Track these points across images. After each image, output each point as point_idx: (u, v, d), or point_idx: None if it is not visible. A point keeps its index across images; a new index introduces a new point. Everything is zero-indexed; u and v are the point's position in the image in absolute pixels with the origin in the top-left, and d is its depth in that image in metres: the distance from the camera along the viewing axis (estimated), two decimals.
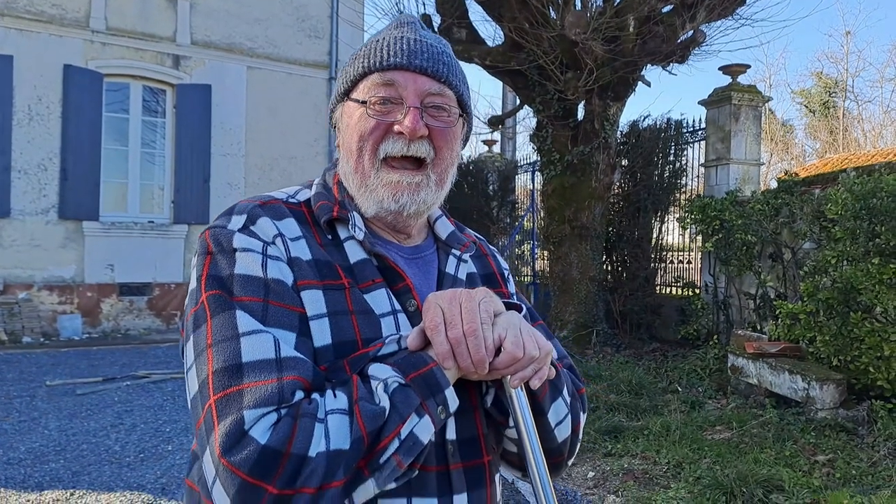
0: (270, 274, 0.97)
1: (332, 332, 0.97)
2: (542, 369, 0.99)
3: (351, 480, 0.86)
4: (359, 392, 0.89)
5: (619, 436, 5.60)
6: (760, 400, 5.97)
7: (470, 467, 1.02)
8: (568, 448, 1.16)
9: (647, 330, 9.05)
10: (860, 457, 4.73)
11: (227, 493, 0.84)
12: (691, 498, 4.32)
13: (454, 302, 0.94)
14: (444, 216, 1.21)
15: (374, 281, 1.04)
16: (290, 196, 1.11)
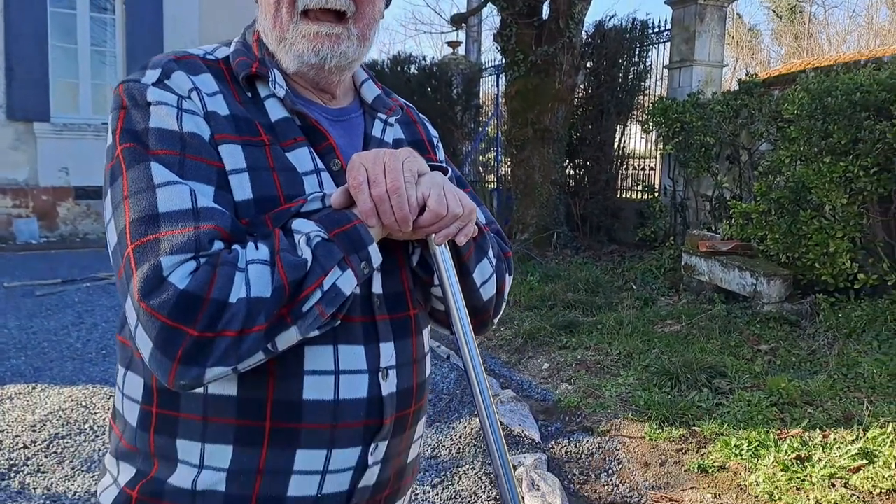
0: (186, 127, 0.95)
1: (253, 187, 0.96)
2: (466, 227, 1.00)
3: (273, 326, 0.87)
4: (280, 244, 0.90)
5: (575, 330, 5.79)
6: (710, 296, 6.18)
7: (396, 319, 1.05)
8: (493, 307, 1.18)
9: (607, 232, 9.20)
10: (801, 346, 4.96)
11: (149, 336, 0.85)
12: (639, 384, 4.53)
13: (378, 161, 0.94)
14: (371, 80, 1.20)
15: (295, 139, 1.02)
16: (208, 53, 1.08)
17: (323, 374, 0.96)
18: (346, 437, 0.98)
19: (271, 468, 0.95)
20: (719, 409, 4.07)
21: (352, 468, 0.99)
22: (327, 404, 0.96)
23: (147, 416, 0.99)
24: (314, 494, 0.97)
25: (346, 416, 0.97)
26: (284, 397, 0.95)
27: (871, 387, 4.10)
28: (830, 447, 3.45)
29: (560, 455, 3.77)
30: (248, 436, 0.95)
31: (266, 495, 0.95)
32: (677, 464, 3.52)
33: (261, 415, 0.95)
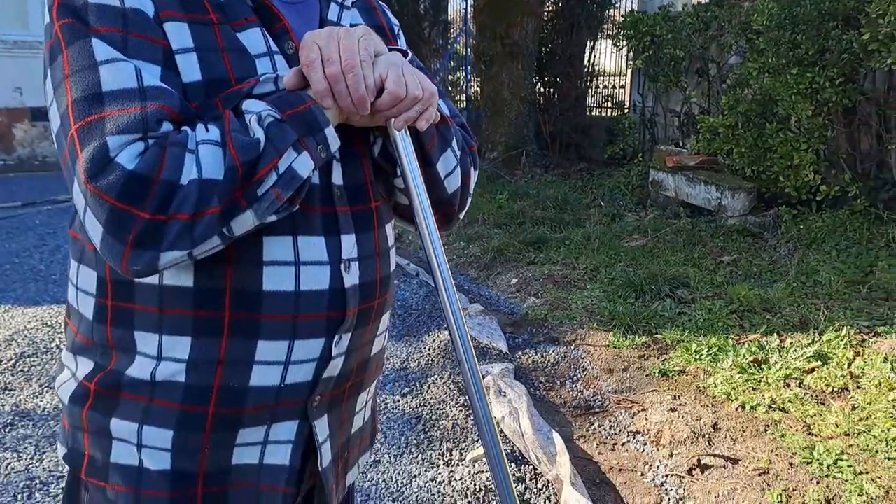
0: (128, 3, 0.89)
1: (202, 69, 0.91)
2: (427, 111, 0.96)
3: (228, 209, 0.84)
4: (231, 125, 0.86)
5: (543, 246, 5.83)
6: (676, 210, 6.25)
7: (357, 211, 1.03)
8: (458, 201, 1.16)
9: (576, 150, 9.17)
10: (762, 256, 5.07)
11: (99, 220, 0.82)
12: (604, 296, 4.60)
13: (332, 38, 0.90)
14: None
15: (247, 19, 0.97)
16: None
17: (282, 264, 0.94)
18: (308, 328, 0.97)
19: (232, 359, 0.94)
20: (681, 317, 4.17)
21: (315, 359, 0.99)
22: (288, 295, 0.95)
23: (102, 309, 0.97)
24: (277, 385, 0.97)
25: (307, 308, 0.96)
26: (243, 287, 0.93)
27: (829, 294, 4.21)
28: (787, 350, 3.56)
29: (527, 364, 3.86)
30: (207, 326, 0.94)
31: (227, 385, 0.95)
32: (639, 369, 3.62)
33: (219, 305, 0.93)
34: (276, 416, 0.99)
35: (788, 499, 2.42)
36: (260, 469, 1.00)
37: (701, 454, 2.76)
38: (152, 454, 0.96)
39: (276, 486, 1.01)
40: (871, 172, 5.24)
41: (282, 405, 0.98)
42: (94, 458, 0.99)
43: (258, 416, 0.97)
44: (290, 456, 1.01)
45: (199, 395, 0.95)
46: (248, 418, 0.97)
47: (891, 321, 3.73)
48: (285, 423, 1.00)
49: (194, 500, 0.97)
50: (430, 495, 2.62)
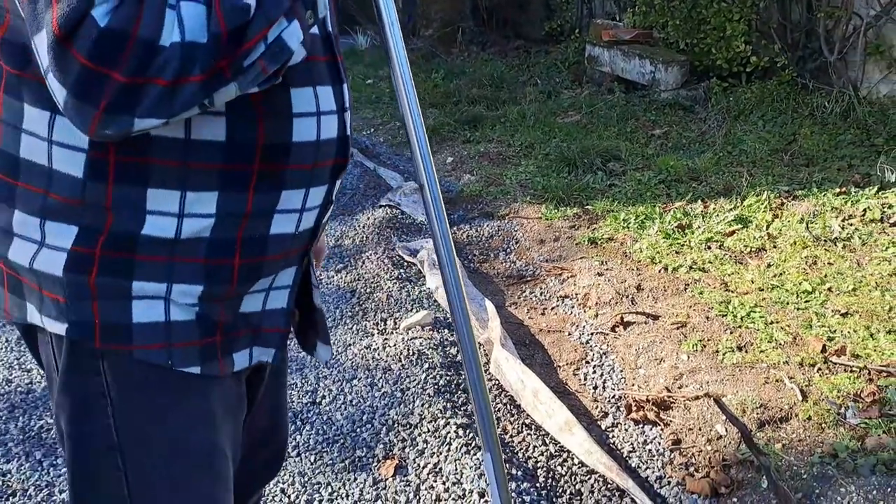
0: None
1: None
2: None
3: (210, 79, 0.78)
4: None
5: (478, 125, 5.79)
6: (611, 86, 6.23)
7: (342, 61, 1.04)
8: None
9: (514, 27, 8.94)
10: (692, 129, 5.14)
11: (66, 81, 0.74)
12: (538, 171, 4.64)
13: None
14: None
15: None
16: None
17: (308, 115, 0.95)
18: (320, 175, 1.00)
19: (258, 210, 0.94)
20: (612, 189, 4.24)
21: (320, 205, 1.02)
22: (311, 145, 0.96)
23: (101, 165, 0.88)
24: (292, 232, 0.99)
25: (324, 156, 0.99)
26: (276, 140, 0.93)
27: (752, 161, 4.33)
28: (710, 216, 3.68)
29: (462, 239, 3.90)
30: (236, 180, 0.92)
31: (250, 236, 0.95)
32: (570, 238, 3.71)
33: (250, 159, 0.92)
34: (287, 263, 1.03)
35: (703, 348, 2.57)
36: (262, 314, 1.03)
37: (624, 312, 2.88)
38: (180, 309, 0.94)
39: (276, 328, 1.05)
40: (799, 42, 5.28)
41: (292, 252, 1.02)
42: (110, 324, 0.92)
43: (274, 265, 1.00)
44: (287, 299, 1.05)
45: (225, 249, 0.94)
46: (267, 266, 0.99)
47: (809, 185, 3.87)
48: (290, 269, 1.04)
49: (215, 349, 0.98)
50: (365, 361, 2.69)
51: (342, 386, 2.54)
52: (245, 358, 1.02)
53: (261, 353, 1.04)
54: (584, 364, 2.66)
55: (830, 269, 3.07)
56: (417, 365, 2.60)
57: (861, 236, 3.30)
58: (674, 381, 2.42)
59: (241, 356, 1.02)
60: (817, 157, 4.26)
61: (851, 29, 4.94)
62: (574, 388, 2.52)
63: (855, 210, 3.53)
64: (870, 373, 2.32)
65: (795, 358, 2.43)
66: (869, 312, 2.68)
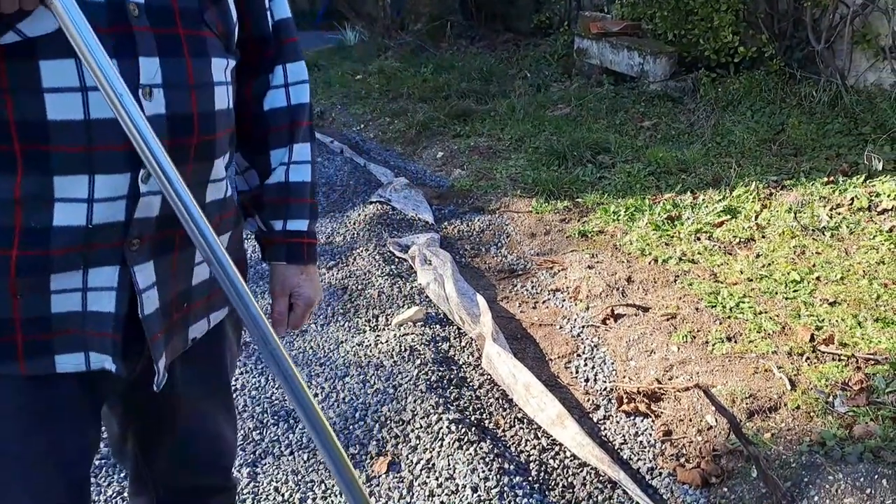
0: None
1: None
2: None
3: None
4: None
5: (468, 119, 5.79)
6: (600, 79, 6.24)
7: (162, 34, 0.95)
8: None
9: (503, 20, 8.93)
10: (681, 120, 5.15)
11: None
12: (529, 164, 4.65)
13: None
14: None
15: None
16: None
17: (67, 91, 0.87)
18: (106, 161, 0.91)
19: (29, 196, 0.89)
20: (602, 181, 4.25)
21: (123, 196, 0.93)
22: (78, 124, 0.88)
23: None
24: (83, 224, 0.92)
25: (102, 139, 0.89)
26: (26, 117, 0.87)
27: (741, 152, 4.35)
28: (699, 207, 3.70)
29: (453, 234, 3.91)
30: (1, 162, 0.89)
31: (29, 226, 0.90)
32: (560, 232, 3.72)
33: (7, 138, 0.88)
34: (91, 261, 0.94)
35: (693, 339, 2.58)
36: (84, 316, 0.96)
37: (614, 305, 2.90)
38: None
39: (104, 332, 0.97)
40: (787, 32, 5.29)
41: (94, 247, 0.94)
42: None
43: (69, 260, 0.93)
44: (115, 303, 0.97)
45: (2, 238, 0.90)
46: (57, 261, 0.92)
47: (797, 175, 3.89)
48: (103, 268, 0.95)
49: (14, 347, 0.94)
50: (357, 358, 2.70)
51: (334, 383, 2.55)
52: (78, 361, 0.97)
53: (101, 360, 0.98)
54: (576, 357, 2.67)
55: (818, 258, 3.09)
56: (409, 361, 2.61)
57: (849, 225, 3.32)
58: (664, 373, 2.44)
59: (70, 359, 0.97)
60: (805, 146, 4.28)
61: (838, 18, 4.95)
62: (566, 381, 2.54)
63: (843, 199, 3.55)
64: (857, 361, 2.34)
65: (784, 347, 2.45)
66: (857, 301, 2.70)
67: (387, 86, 6.94)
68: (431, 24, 8.32)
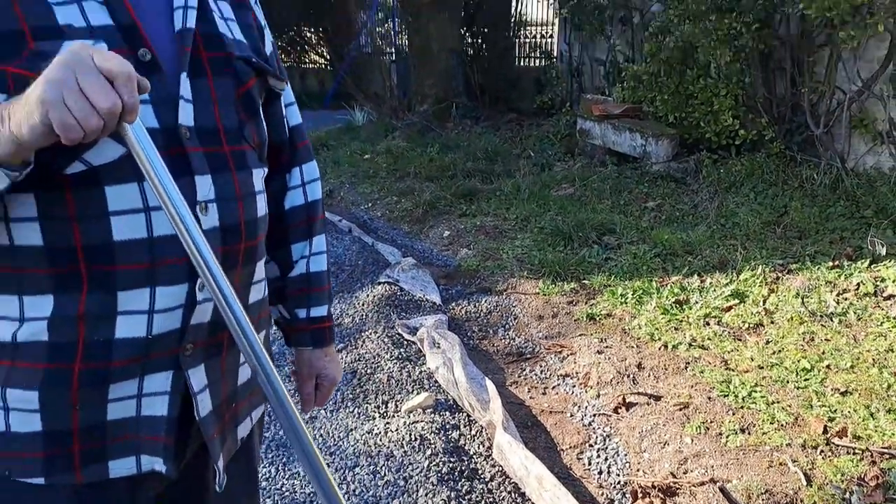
0: None
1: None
2: (132, 105, 0.80)
3: None
4: None
5: (474, 198, 5.88)
6: (603, 158, 6.36)
7: (211, 153, 1.00)
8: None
9: (506, 101, 9.18)
10: (685, 201, 5.23)
11: None
12: (534, 245, 4.69)
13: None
14: None
15: None
16: None
17: (131, 212, 0.92)
18: (168, 274, 0.95)
19: (93, 313, 0.93)
20: (608, 263, 4.29)
21: (181, 306, 0.97)
22: (141, 243, 0.93)
23: None
24: (144, 336, 0.95)
25: (164, 253, 0.94)
26: (93, 241, 0.91)
27: (746, 234, 4.40)
28: (707, 291, 3.72)
29: (460, 315, 3.93)
30: (66, 283, 0.92)
31: (93, 340, 0.93)
32: (568, 314, 3.73)
33: (74, 260, 0.92)
34: (148, 368, 0.97)
35: (707, 430, 2.56)
36: (138, 421, 0.99)
37: (626, 393, 2.88)
38: (20, 416, 0.94)
39: (156, 436, 1.00)
40: (785, 116, 5.43)
41: (152, 356, 0.97)
42: None
43: (128, 370, 0.96)
44: (168, 407, 1.00)
45: (64, 353, 0.93)
46: (117, 372, 0.96)
47: (802, 258, 3.92)
48: (158, 374, 0.99)
49: (71, 458, 0.96)
50: (367, 447, 2.68)
51: (344, 474, 2.52)
52: (130, 465, 0.99)
53: (151, 462, 1.00)
54: (588, 447, 2.64)
55: (828, 345, 3.09)
56: (420, 451, 2.59)
57: (856, 311, 3.34)
58: (678, 466, 2.41)
59: (123, 463, 0.99)
60: (809, 229, 4.33)
61: (835, 103, 5.09)
62: (578, 473, 2.51)
63: (849, 284, 3.57)
64: (872, 455, 2.31)
65: (798, 440, 2.43)
66: (868, 390, 2.69)
67: (394, 165, 7.08)
68: (437, 106, 8.53)
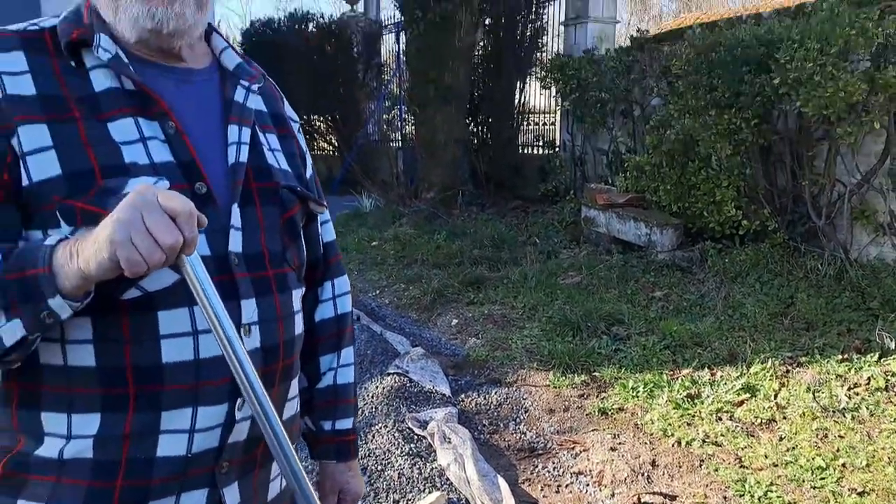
0: None
1: (62, 163, 0.93)
2: (191, 236, 0.85)
3: None
4: None
5: (482, 286, 5.93)
6: (608, 247, 6.45)
7: (256, 277, 1.05)
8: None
9: (510, 189, 9.37)
10: (691, 291, 5.27)
11: None
12: (543, 335, 4.71)
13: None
14: (231, 48, 1.16)
15: (120, 110, 0.99)
16: (32, 24, 1.03)
17: (180, 336, 0.97)
18: (210, 394, 0.99)
19: (138, 431, 0.97)
20: (617, 354, 4.30)
21: (220, 425, 1.00)
22: (189, 364, 0.97)
23: (8, 392, 0.99)
24: (184, 454, 0.99)
25: (208, 375, 0.98)
26: (143, 363, 0.96)
27: (754, 326, 4.42)
28: (718, 384, 3.72)
29: (470, 407, 3.91)
30: (114, 403, 0.96)
31: (135, 458, 0.96)
32: (580, 408, 3.72)
33: (123, 381, 0.96)
34: (185, 486, 1.00)
35: None
36: None
37: (641, 492, 2.85)
38: None
39: None
40: (787, 207, 5.53)
41: (190, 474, 1.00)
42: None
43: (167, 487, 0.99)
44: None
45: (107, 470, 0.96)
46: (156, 489, 0.98)
47: (811, 351, 3.93)
48: (194, 491, 1.01)
49: None
50: None
51: None
52: None
53: None
54: None
55: (842, 442, 3.07)
56: None
57: (868, 406, 3.33)
58: None
59: None
60: (816, 321, 4.35)
61: (836, 195, 5.20)
62: None
63: (859, 378, 3.57)
64: None
65: None
66: (885, 491, 2.66)
67: (402, 252, 7.17)
68: (444, 194, 8.71)
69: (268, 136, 1.15)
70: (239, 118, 1.08)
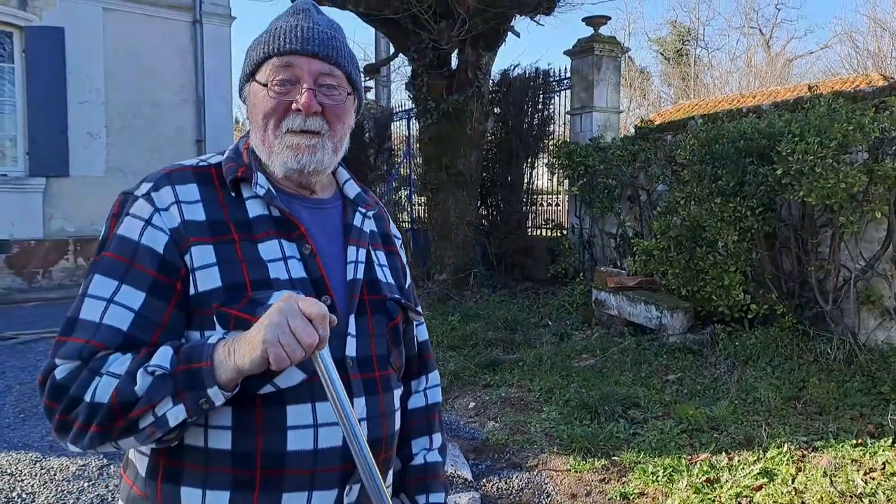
0: (144, 240, 1.16)
1: (222, 277, 1.15)
2: (323, 335, 1.05)
3: (107, 431, 1.08)
4: (131, 366, 1.08)
5: (497, 368, 6.04)
6: (620, 329, 6.58)
7: (366, 378, 1.24)
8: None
9: (521, 270, 9.57)
10: (704, 374, 5.38)
11: (42, 405, 1.12)
12: (561, 418, 4.80)
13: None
14: (352, 180, 1.40)
15: (268, 233, 1.21)
16: (203, 160, 1.29)
17: (303, 427, 1.15)
18: (324, 480, 1.16)
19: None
20: (636, 438, 4.38)
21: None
22: (308, 453, 1.15)
23: (155, 467, 1.18)
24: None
25: (324, 463, 1.15)
26: (271, 449, 1.14)
27: (768, 410, 4.51)
28: (735, 469, 3.79)
29: (492, 492, 3.97)
30: (243, 482, 1.14)
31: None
32: (601, 493, 3.78)
33: (252, 464, 1.14)
34: None
35: None
36: None
37: None
38: None
39: None
40: (795, 291, 5.69)
41: None
42: None
43: None
44: None
45: None
46: None
47: (826, 436, 4.02)
48: None
49: None
50: None
51: None
52: None
53: None
54: None
55: None
56: None
57: (885, 491, 3.40)
58: None
59: None
60: (829, 405, 4.45)
61: (842, 280, 5.36)
62: None
63: (874, 463, 3.66)
64: None
65: None
66: None
67: None
68: (456, 276, 8.91)
69: (378, 253, 1.37)
70: (357, 240, 1.31)
